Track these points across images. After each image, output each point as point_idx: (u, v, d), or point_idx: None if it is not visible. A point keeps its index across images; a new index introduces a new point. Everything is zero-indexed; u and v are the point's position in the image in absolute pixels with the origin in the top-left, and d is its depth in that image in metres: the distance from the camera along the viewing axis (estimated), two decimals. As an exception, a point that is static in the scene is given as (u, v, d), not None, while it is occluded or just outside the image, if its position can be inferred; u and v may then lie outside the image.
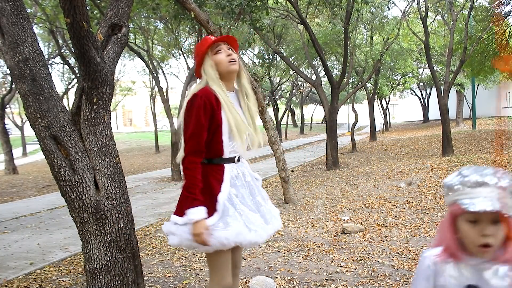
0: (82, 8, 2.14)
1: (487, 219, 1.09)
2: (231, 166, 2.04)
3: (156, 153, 22.60)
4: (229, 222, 1.92)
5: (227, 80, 2.05)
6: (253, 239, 1.94)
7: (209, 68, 2.01)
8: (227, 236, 1.90)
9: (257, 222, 1.98)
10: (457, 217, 1.15)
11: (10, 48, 2.31)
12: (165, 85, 13.83)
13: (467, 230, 1.12)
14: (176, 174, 11.02)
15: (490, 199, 1.08)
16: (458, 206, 1.12)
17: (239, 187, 2.01)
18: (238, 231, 1.91)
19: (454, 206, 1.14)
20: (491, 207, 1.06)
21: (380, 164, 9.87)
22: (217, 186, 1.97)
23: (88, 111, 2.45)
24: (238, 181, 2.03)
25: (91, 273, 2.46)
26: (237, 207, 1.96)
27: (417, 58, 18.49)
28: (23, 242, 5.30)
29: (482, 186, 1.10)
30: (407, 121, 38.52)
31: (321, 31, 14.11)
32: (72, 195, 2.41)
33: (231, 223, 1.91)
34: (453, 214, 1.16)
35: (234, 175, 2.03)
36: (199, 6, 6.10)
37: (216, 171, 2.01)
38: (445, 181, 1.20)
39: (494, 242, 1.10)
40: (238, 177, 2.04)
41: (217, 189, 1.96)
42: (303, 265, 3.70)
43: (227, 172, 2.01)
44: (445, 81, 11.27)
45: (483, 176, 1.11)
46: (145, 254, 4.43)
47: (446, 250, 1.19)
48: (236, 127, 1.98)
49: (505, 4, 12.54)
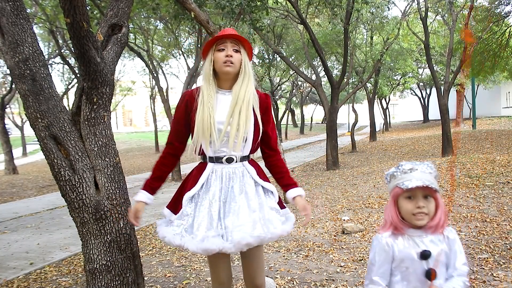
0: (82, 8, 2.14)
1: (420, 195, 1.48)
2: (214, 166, 1.98)
3: (156, 153, 22.60)
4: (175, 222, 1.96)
5: (223, 79, 2.00)
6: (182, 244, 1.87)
7: (206, 63, 2.00)
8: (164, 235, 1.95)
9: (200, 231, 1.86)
10: (398, 198, 1.52)
11: (10, 48, 2.31)
12: (165, 85, 13.85)
13: (406, 205, 1.49)
14: (176, 174, 11.03)
15: (421, 179, 1.46)
16: (398, 188, 1.49)
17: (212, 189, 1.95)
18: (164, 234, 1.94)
19: (395, 189, 1.51)
20: (422, 183, 1.44)
21: (380, 164, 9.87)
22: (191, 183, 2.01)
23: (88, 111, 2.45)
24: (216, 183, 1.95)
25: (91, 273, 2.45)
26: (199, 208, 1.93)
27: (417, 58, 18.49)
28: (23, 242, 5.30)
29: (414, 171, 1.48)
30: (407, 121, 38.52)
31: (321, 31, 14.11)
32: (72, 195, 2.41)
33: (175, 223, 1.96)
34: (395, 196, 1.52)
35: (214, 175, 1.97)
36: (199, 6, 6.10)
37: (199, 169, 2.04)
38: (387, 172, 1.58)
39: (427, 211, 1.47)
40: (218, 178, 1.96)
41: (188, 187, 2.01)
42: (303, 265, 3.70)
43: (206, 171, 1.99)
44: (445, 81, 11.27)
45: (415, 165, 1.50)
46: (145, 254, 4.43)
47: (392, 226, 1.53)
48: (201, 126, 1.93)
49: (505, 4, 12.54)
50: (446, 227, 1.53)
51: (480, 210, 4.88)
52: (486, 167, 6.99)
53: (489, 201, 5.20)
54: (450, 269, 1.53)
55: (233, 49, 1.95)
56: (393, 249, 1.51)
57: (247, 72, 1.99)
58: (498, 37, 13.08)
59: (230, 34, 1.96)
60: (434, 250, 1.49)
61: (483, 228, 4.30)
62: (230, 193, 1.94)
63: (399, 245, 1.51)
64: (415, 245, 1.49)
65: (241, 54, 1.98)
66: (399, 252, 1.50)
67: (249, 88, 1.98)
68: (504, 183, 5.90)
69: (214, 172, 1.98)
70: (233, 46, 1.96)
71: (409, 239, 1.51)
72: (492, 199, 5.27)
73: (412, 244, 1.50)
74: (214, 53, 1.96)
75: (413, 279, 1.51)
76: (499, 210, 4.82)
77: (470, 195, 5.57)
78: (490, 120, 22.63)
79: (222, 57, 1.94)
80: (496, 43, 13.11)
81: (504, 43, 12.97)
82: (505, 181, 5.95)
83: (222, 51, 1.95)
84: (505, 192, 5.50)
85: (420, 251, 1.48)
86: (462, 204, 5.22)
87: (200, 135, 1.95)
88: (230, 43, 1.96)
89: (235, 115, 1.94)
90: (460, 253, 1.53)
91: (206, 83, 1.98)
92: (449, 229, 1.55)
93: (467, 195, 5.58)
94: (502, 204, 5.03)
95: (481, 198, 5.37)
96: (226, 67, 1.94)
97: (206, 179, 1.97)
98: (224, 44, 1.95)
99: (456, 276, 1.51)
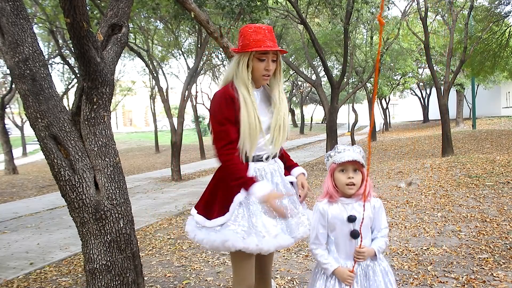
0: (82, 8, 2.14)
1: (350, 168, 1.84)
2: (256, 165, 2.00)
3: (156, 153, 22.61)
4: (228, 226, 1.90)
5: (255, 81, 2.03)
6: (251, 245, 1.87)
7: (243, 67, 1.95)
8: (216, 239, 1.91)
9: (270, 229, 1.91)
10: (333, 172, 1.87)
11: (10, 48, 2.31)
12: (165, 85, 13.85)
13: (340, 177, 1.85)
14: (176, 174, 11.02)
15: (351, 156, 1.82)
16: (334, 164, 1.85)
17: None
18: (225, 238, 1.88)
19: (332, 165, 1.86)
20: (351, 158, 1.81)
21: (380, 164, 9.86)
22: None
23: (88, 111, 2.45)
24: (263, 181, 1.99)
25: (91, 273, 2.45)
26: (251, 208, 1.92)
27: (417, 58, 18.49)
28: (23, 242, 5.30)
29: (347, 151, 1.85)
30: (407, 121, 38.51)
31: (321, 31, 14.11)
32: (72, 195, 2.41)
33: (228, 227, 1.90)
34: (331, 170, 1.87)
35: (259, 174, 1.99)
36: (199, 6, 6.10)
37: None
38: (326, 154, 1.95)
39: (355, 182, 1.83)
40: (263, 176, 2.00)
41: (236, 189, 1.94)
42: (303, 265, 3.70)
43: (250, 171, 1.97)
44: (445, 81, 11.27)
45: (346, 146, 1.90)
46: (145, 254, 4.43)
47: (328, 195, 1.88)
48: (248, 128, 1.93)
49: (505, 4, 12.54)
50: (373, 197, 1.89)
51: (480, 210, 4.88)
52: (486, 167, 6.99)
53: (489, 201, 5.20)
54: (375, 231, 1.90)
55: (272, 59, 1.97)
56: (327, 213, 1.86)
57: (281, 76, 2.09)
58: (498, 37, 13.09)
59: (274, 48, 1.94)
60: (360, 214, 1.79)
61: (483, 228, 4.30)
62: (278, 190, 2.02)
63: (332, 211, 1.86)
64: (345, 211, 1.84)
65: (277, 62, 2.01)
66: (332, 216, 1.85)
67: (282, 89, 2.11)
68: (504, 183, 5.90)
69: (257, 171, 2.00)
70: (273, 56, 1.97)
71: (342, 206, 1.86)
72: (492, 199, 5.27)
73: (343, 210, 1.85)
74: (254, 61, 1.94)
75: (341, 240, 1.86)
76: (499, 210, 4.82)
77: (470, 195, 5.57)
78: (490, 120, 22.63)
79: (262, 69, 1.95)
80: (496, 43, 13.12)
81: (504, 43, 12.97)
82: (505, 181, 5.96)
83: (263, 61, 1.94)
84: (505, 192, 5.51)
85: (348, 215, 1.82)
86: (462, 204, 5.23)
87: (247, 137, 1.94)
88: (272, 54, 1.96)
89: (279, 117, 2.04)
90: (383, 219, 1.90)
91: (243, 86, 1.95)
92: (375, 199, 1.90)
93: (467, 195, 5.58)
94: (502, 204, 5.03)
95: (481, 198, 5.37)
96: (264, 80, 2.01)
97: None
98: (266, 55, 1.94)
99: (379, 237, 1.89)
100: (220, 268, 3.79)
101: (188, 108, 18.80)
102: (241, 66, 1.94)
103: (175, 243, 4.83)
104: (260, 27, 1.95)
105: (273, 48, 1.91)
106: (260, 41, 1.91)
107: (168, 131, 20.24)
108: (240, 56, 1.96)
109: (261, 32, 1.93)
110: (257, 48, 1.90)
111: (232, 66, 2.00)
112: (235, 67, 1.98)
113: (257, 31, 1.92)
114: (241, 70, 1.94)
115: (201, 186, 9.63)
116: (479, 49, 12.93)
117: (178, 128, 11.15)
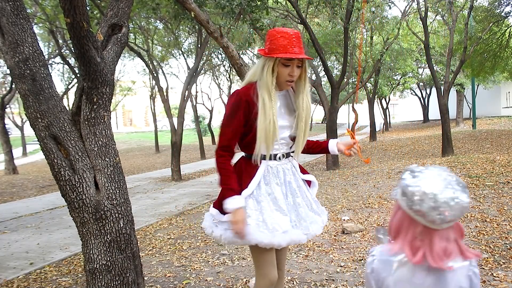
0: (82, 8, 2.14)
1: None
2: (268, 163, 2.04)
3: (156, 153, 22.61)
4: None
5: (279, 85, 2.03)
6: (264, 240, 1.92)
7: (267, 72, 1.95)
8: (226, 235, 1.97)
9: (280, 224, 1.96)
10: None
11: (10, 48, 2.31)
12: (165, 85, 13.85)
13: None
14: (176, 174, 11.02)
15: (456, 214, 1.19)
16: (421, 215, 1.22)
17: (273, 185, 2.02)
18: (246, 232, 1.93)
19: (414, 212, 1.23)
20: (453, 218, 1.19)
21: (380, 164, 9.86)
22: (246, 181, 2.01)
23: (88, 111, 2.45)
24: (274, 179, 2.03)
25: (91, 273, 2.45)
26: (262, 204, 1.97)
27: (417, 58, 18.48)
28: (23, 242, 5.30)
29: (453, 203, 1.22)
30: (407, 121, 38.52)
31: (321, 31, 14.10)
32: (72, 195, 2.41)
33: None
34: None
35: (271, 172, 2.03)
36: (199, 6, 6.10)
37: (252, 166, 2.03)
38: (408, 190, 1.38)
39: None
40: (275, 174, 2.04)
41: (244, 184, 1.99)
42: (303, 265, 3.70)
43: (261, 169, 2.02)
44: (445, 81, 11.27)
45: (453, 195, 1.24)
46: (145, 254, 4.43)
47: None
48: (264, 132, 1.95)
49: (505, 4, 12.54)
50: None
51: (480, 210, 4.88)
52: (486, 167, 6.99)
53: (489, 201, 5.20)
54: None
55: (297, 65, 1.96)
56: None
57: (307, 82, 2.08)
58: (498, 37, 13.09)
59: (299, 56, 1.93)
60: None
61: (483, 228, 4.30)
62: (290, 188, 2.07)
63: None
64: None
65: (302, 68, 2.01)
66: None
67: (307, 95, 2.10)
68: (504, 183, 5.90)
69: (269, 169, 2.04)
70: (298, 62, 1.96)
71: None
72: (492, 199, 5.27)
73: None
74: (279, 66, 1.94)
75: None
76: (499, 210, 4.82)
77: (470, 195, 5.55)
78: (490, 120, 22.63)
79: (286, 75, 1.96)
80: (496, 44, 13.12)
81: (504, 43, 12.98)
82: (505, 181, 5.95)
83: (287, 67, 1.94)
84: (505, 192, 5.51)
85: None
86: (462, 204, 5.22)
87: (263, 140, 1.97)
88: (297, 59, 1.95)
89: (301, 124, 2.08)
90: None
91: (266, 90, 1.95)
92: None
93: (467, 195, 5.58)
94: (502, 204, 5.03)
95: (481, 198, 5.37)
96: (287, 85, 2.01)
97: (263, 176, 2.03)
98: (292, 61, 1.94)
99: None
100: (220, 268, 3.79)
101: (188, 108, 18.80)
102: (266, 70, 1.95)
103: (175, 243, 4.84)
104: (287, 32, 1.94)
105: (299, 55, 1.91)
106: (287, 47, 1.91)
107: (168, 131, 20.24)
108: (266, 60, 1.97)
109: (289, 37, 1.92)
110: (282, 55, 1.90)
111: (257, 68, 2.02)
112: (259, 70, 1.99)
113: (284, 36, 1.92)
114: (266, 74, 1.95)
115: (201, 186, 9.63)
116: (479, 49, 12.94)
117: (178, 128, 11.15)
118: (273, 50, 1.93)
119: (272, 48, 1.93)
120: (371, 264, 1.32)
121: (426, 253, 1.20)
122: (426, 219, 1.18)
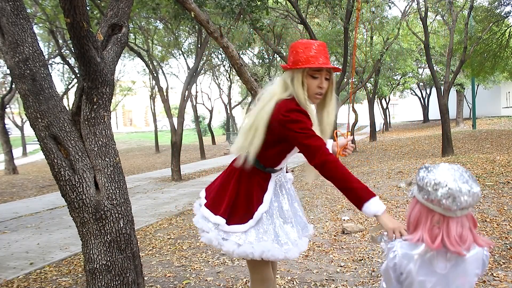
0: (82, 8, 2.14)
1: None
2: (275, 175, 2.05)
3: (156, 153, 22.62)
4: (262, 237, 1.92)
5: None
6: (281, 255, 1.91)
7: (299, 85, 1.83)
8: (253, 251, 1.91)
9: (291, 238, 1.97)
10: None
11: (10, 48, 2.31)
12: (165, 85, 13.85)
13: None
14: (176, 174, 11.01)
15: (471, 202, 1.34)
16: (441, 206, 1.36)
17: (280, 197, 2.04)
18: (265, 249, 1.90)
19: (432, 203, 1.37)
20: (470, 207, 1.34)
21: (380, 164, 9.86)
22: (260, 194, 1.96)
23: (88, 111, 2.45)
24: (281, 190, 2.06)
25: (91, 273, 2.45)
26: (274, 218, 1.97)
27: (417, 58, 18.49)
28: (23, 242, 5.30)
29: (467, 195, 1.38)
30: (407, 121, 38.51)
31: (321, 31, 14.11)
32: (72, 195, 2.41)
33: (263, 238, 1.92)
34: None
35: (278, 184, 2.05)
36: (199, 6, 6.10)
37: (263, 178, 1.99)
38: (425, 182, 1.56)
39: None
40: (281, 185, 2.06)
41: (259, 198, 1.96)
42: (303, 265, 3.70)
43: (272, 182, 2.01)
44: (445, 81, 11.27)
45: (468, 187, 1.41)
46: (145, 254, 4.43)
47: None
48: None
49: (505, 4, 12.54)
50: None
51: (480, 210, 4.88)
52: (486, 167, 6.99)
53: (489, 201, 5.20)
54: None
55: (325, 77, 1.86)
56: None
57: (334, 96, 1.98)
58: (498, 37, 13.09)
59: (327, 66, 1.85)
60: None
61: (483, 228, 4.30)
62: (290, 197, 2.10)
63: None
64: None
65: (329, 81, 1.90)
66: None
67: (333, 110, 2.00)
68: (504, 183, 5.89)
69: (277, 181, 2.06)
70: (326, 74, 1.86)
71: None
72: (492, 199, 5.26)
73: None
74: (308, 79, 1.83)
75: None
76: (499, 210, 4.82)
77: (470, 195, 5.56)
78: (490, 120, 22.62)
79: (315, 87, 1.85)
80: (496, 44, 13.12)
81: (504, 43, 12.98)
82: (505, 181, 5.95)
83: (316, 79, 1.84)
84: (505, 192, 5.50)
85: None
86: (462, 204, 5.22)
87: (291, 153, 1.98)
88: (325, 70, 1.85)
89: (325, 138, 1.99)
90: None
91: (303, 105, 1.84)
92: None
93: (467, 195, 5.57)
94: (502, 204, 5.03)
95: (481, 198, 5.37)
96: (315, 99, 1.89)
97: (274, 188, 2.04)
98: (319, 72, 1.84)
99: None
100: (220, 268, 3.79)
101: (188, 108, 18.81)
102: (296, 84, 1.84)
103: (175, 243, 4.84)
104: (312, 43, 1.85)
105: (327, 65, 1.82)
106: (313, 58, 1.81)
107: (168, 131, 20.24)
108: (293, 73, 1.85)
109: (315, 48, 1.83)
110: (311, 65, 1.79)
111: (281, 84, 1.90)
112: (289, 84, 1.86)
113: (309, 47, 1.82)
114: (297, 88, 1.83)
115: (201, 186, 9.59)
116: (479, 49, 12.94)
117: (178, 128, 11.14)
118: (298, 62, 1.82)
119: (297, 60, 1.82)
120: (393, 260, 1.41)
121: (444, 239, 1.32)
122: (442, 207, 1.31)
